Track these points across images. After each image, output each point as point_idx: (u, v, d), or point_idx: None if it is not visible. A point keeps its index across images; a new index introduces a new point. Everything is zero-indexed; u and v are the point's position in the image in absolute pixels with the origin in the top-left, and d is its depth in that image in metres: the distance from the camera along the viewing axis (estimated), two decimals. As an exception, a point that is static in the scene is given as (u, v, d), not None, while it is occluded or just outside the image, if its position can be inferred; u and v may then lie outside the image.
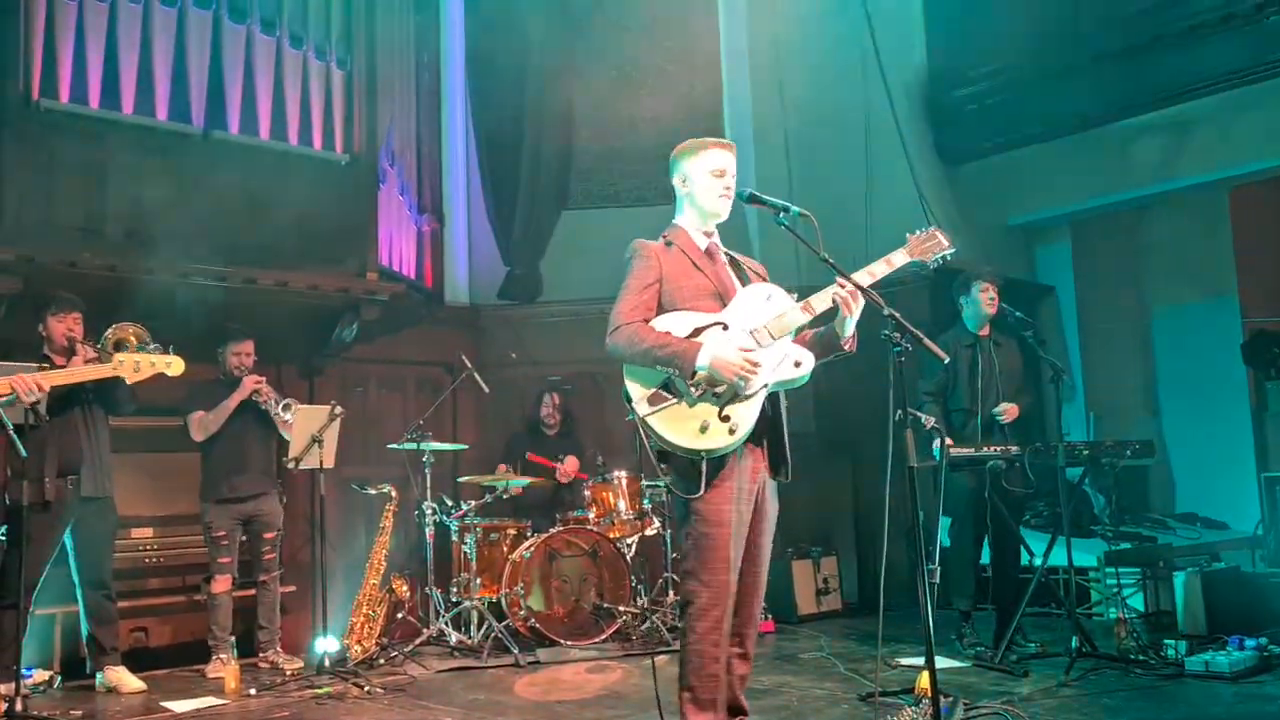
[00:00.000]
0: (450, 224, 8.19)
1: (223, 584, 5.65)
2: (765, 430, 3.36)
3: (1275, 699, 4.32)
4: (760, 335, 3.33)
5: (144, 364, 4.66)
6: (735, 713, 3.43)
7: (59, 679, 5.36)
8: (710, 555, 3.23)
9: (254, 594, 5.84)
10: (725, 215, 3.51)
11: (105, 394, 5.18)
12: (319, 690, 5.03)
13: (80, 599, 5.19)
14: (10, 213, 5.41)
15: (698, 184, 3.47)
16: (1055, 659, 5.08)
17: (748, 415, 3.26)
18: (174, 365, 4.79)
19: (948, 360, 3.40)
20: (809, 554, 7.13)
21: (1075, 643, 4.95)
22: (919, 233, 3.58)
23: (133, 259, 5.67)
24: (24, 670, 4.69)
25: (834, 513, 7.87)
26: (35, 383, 4.55)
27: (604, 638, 6.08)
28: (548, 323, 8.07)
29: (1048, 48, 7.36)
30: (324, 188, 6.47)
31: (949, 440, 5.12)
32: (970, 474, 5.35)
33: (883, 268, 3.45)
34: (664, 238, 3.49)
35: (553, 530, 6.31)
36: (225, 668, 5.24)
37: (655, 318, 3.35)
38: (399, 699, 4.92)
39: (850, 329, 3.36)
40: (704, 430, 3.21)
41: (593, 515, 6.49)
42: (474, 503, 6.40)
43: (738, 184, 3.50)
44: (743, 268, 3.57)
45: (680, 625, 3.32)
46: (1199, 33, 6.67)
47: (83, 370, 4.75)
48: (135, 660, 5.46)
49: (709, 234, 3.53)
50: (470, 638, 6.11)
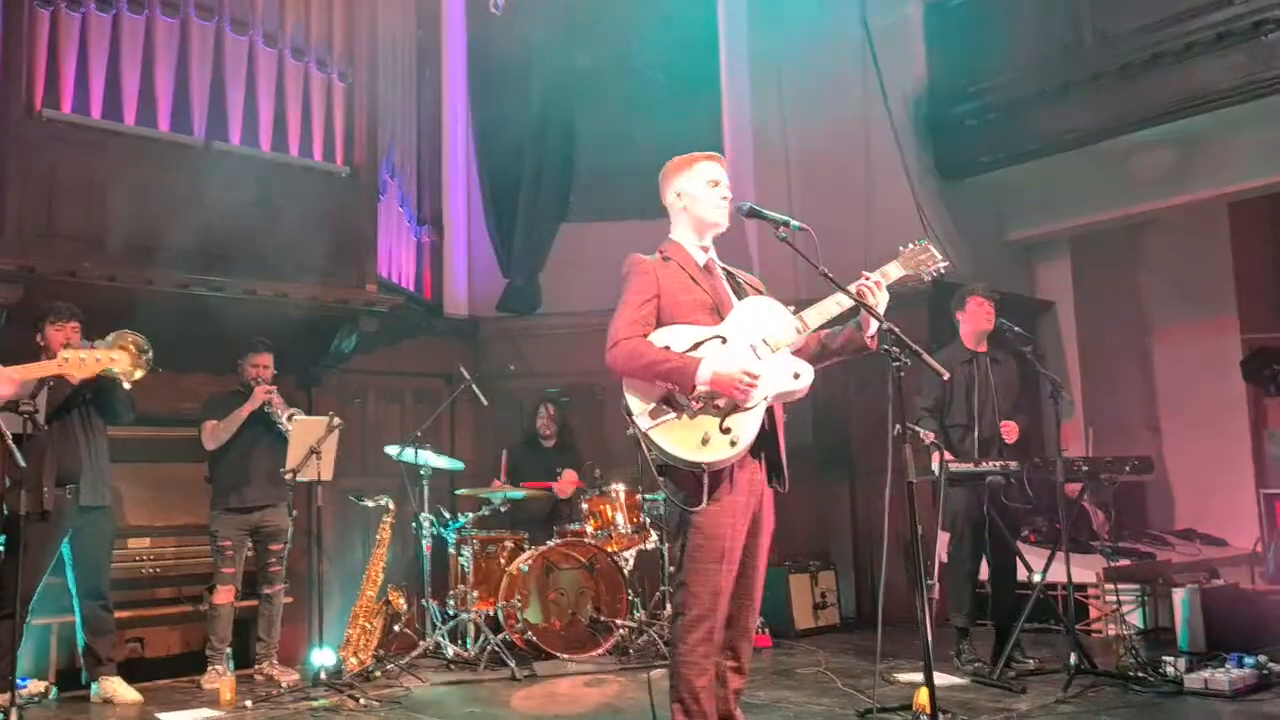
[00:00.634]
0: (450, 236, 8.20)
1: (225, 595, 5.64)
2: (763, 442, 3.36)
3: (1275, 717, 4.31)
4: (759, 348, 3.33)
5: (89, 360, 4.58)
6: (730, 726, 3.42)
7: (54, 689, 5.35)
8: (704, 567, 3.23)
9: (253, 605, 5.83)
10: (725, 224, 3.51)
11: (104, 402, 5.18)
12: (314, 703, 5.02)
13: (77, 609, 5.18)
14: (11, 222, 5.41)
15: (696, 197, 3.48)
16: (1053, 675, 5.07)
17: (748, 427, 3.26)
18: (120, 361, 4.70)
19: (948, 376, 3.40)
20: (807, 568, 7.12)
21: (1074, 659, 4.93)
22: (911, 246, 3.58)
23: (133, 269, 5.68)
24: (19, 680, 4.68)
25: (832, 527, 7.87)
26: (10, 378, 4.48)
27: (601, 651, 6.07)
28: (547, 335, 8.07)
29: (1047, 65, 7.38)
30: (324, 199, 6.48)
31: (948, 455, 5.12)
32: (968, 489, 5.34)
33: (878, 279, 3.46)
34: (660, 253, 3.49)
35: (550, 543, 6.30)
36: (221, 679, 5.22)
37: (653, 332, 3.35)
38: (395, 712, 4.90)
39: (874, 327, 3.35)
40: (705, 443, 3.21)
41: (590, 528, 6.48)
42: (471, 515, 6.39)
43: (736, 196, 3.51)
44: (740, 282, 3.57)
45: (671, 637, 3.32)
46: (1197, 50, 6.69)
47: (38, 366, 4.66)
48: (131, 671, 5.44)
49: (705, 249, 3.53)
50: (467, 650, 6.09)
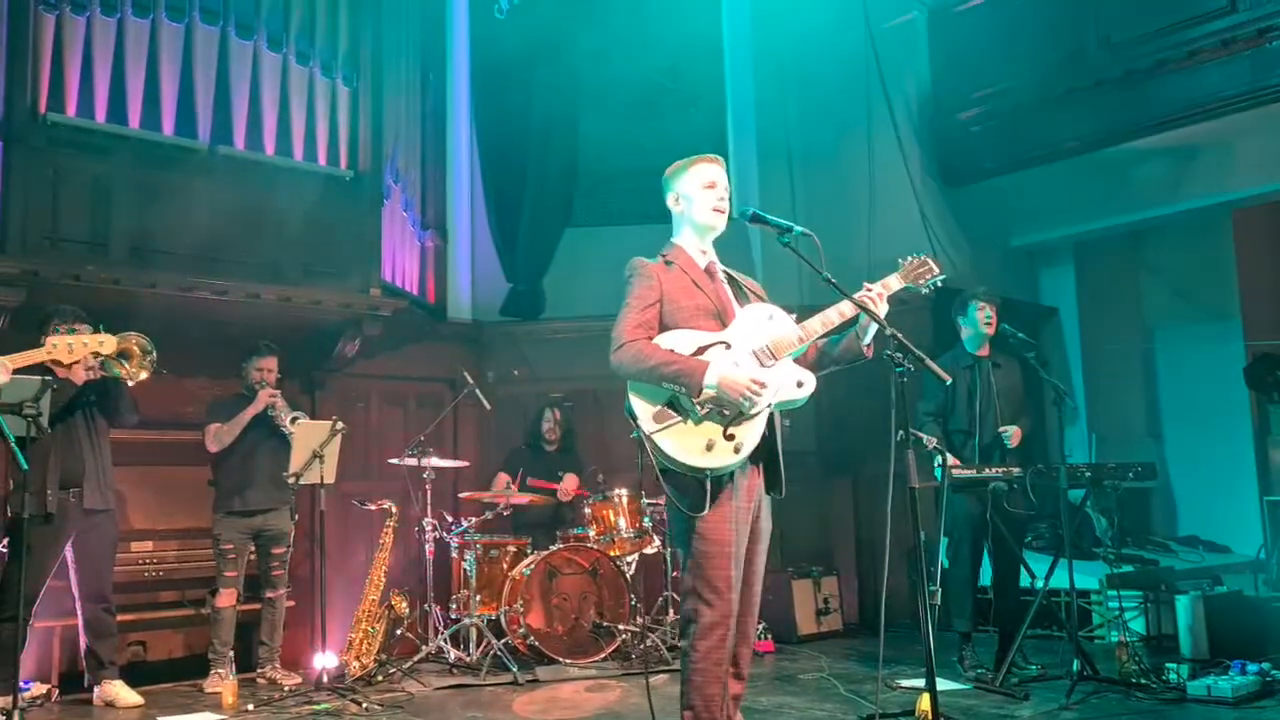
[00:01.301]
0: (453, 240, 8.21)
1: (227, 598, 5.65)
2: (762, 449, 3.36)
3: (1278, 725, 4.31)
4: (763, 355, 3.34)
5: (77, 345, 4.58)
6: (732, 732, 3.42)
7: (56, 692, 5.35)
8: (713, 574, 3.23)
9: (256, 609, 5.83)
10: (721, 227, 3.52)
11: (107, 405, 5.19)
12: (317, 706, 5.02)
13: (80, 612, 5.18)
14: (15, 225, 5.42)
15: (692, 200, 3.49)
16: (1056, 682, 5.06)
17: (752, 434, 3.27)
18: (106, 344, 4.68)
19: (950, 381, 3.40)
20: (809, 574, 7.10)
21: (1076, 666, 4.93)
22: (911, 259, 3.62)
23: (137, 273, 5.69)
24: (21, 684, 4.68)
25: (835, 533, 7.86)
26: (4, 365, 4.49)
27: (603, 656, 6.06)
28: (550, 339, 8.08)
29: (1051, 71, 7.39)
30: (328, 203, 6.49)
31: (951, 460, 5.12)
32: (968, 495, 5.34)
33: (880, 290, 3.49)
34: (663, 257, 3.50)
35: (553, 548, 6.30)
36: (223, 683, 5.22)
37: (657, 336, 3.35)
38: (397, 716, 4.90)
39: (870, 336, 3.39)
40: (709, 449, 3.22)
41: (593, 533, 6.48)
42: (474, 519, 6.38)
43: (741, 202, 3.52)
44: (741, 287, 3.58)
45: (682, 644, 3.31)
46: (1201, 57, 6.69)
47: (27, 355, 4.65)
48: (133, 674, 5.44)
49: (706, 252, 3.54)
50: (469, 655, 6.09)
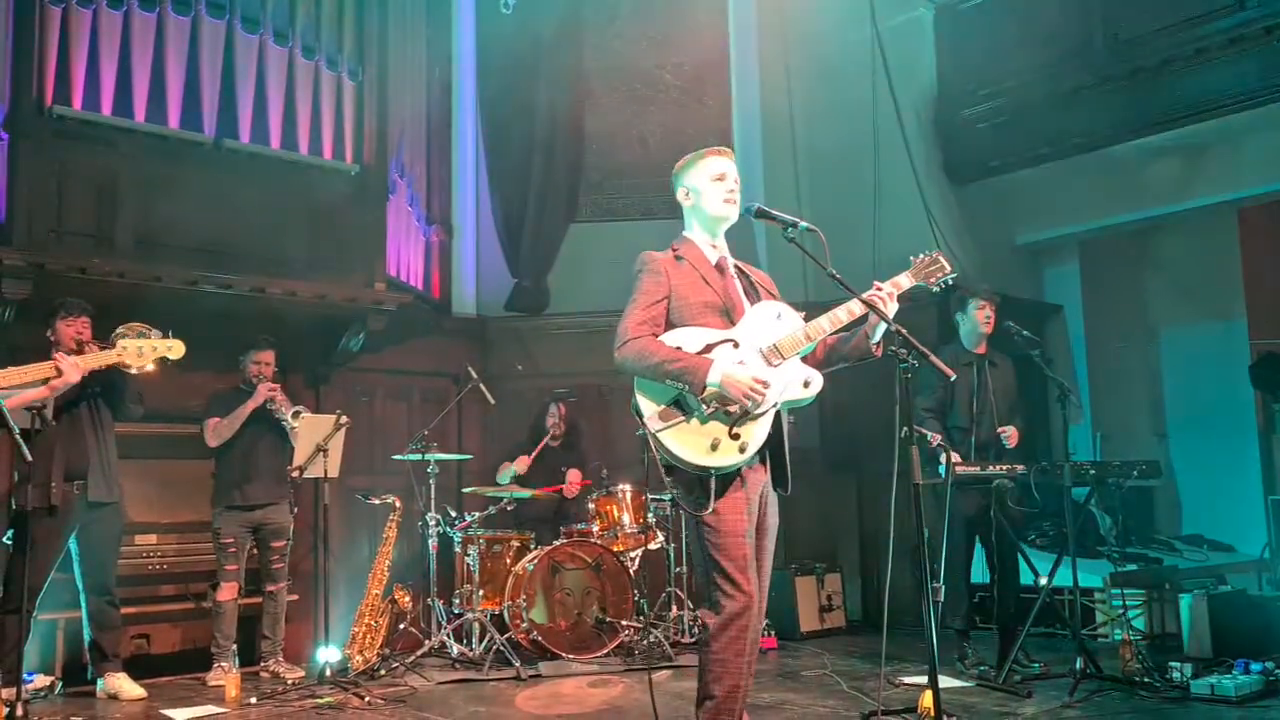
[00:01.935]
0: (458, 235, 8.21)
1: (229, 591, 5.66)
2: (768, 446, 3.35)
3: (1281, 724, 4.30)
4: (770, 354, 3.33)
5: (146, 349, 4.66)
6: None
7: (60, 684, 5.37)
8: (730, 565, 3.20)
9: (258, 602, 5.85)
10: (733, 218, 3.50)
11: (113, 398, 5.20)
12: (319, 700, 5.03)
13: (83, 605, 5.20)
14: (21, 218, 5.44)
15: (702, 192, 3.47)
16: (1059, 680, 5.05)
17: (758, 433, 3.26)
18: (175, 349, 4.76)
19: (955, 377, 3.40)
20: (813, 570, 7.10)
21: (1080, 664, 4.92)
22: (922, 256, 3.59)
23: (142, 266, 5.70)
24: (25, 675, 4.69)
25: (839, 530, 7.86)
26: (74, 363, 4.61)
27: (606, 651, 6.06)
28: (554, 335, 8.08)
29: (1057, 68, 7.36)
30: (333, 198, 6.51)
31: (955, 457, 5.11)
32: (962, 493, 5.33)
33: (890, 289, 3.48)
34: (673, 250, 3.49)
35: (556, 543, 6.30)
36: (226, 676, 5.22)
37: (664, 333, 3.35)
38: (399, 710, 4.91)
39: (879, 334, 3.38)
40: (715, 447, 3.21)
41: (596, 528, 6.48)
42: (477, 514, 6.39)
43: (747, 197, 3.50)
44: (752, 280, 3.57)
45: (702, 636, 3.28)
46: (1208, 55, 6.67)
47: (99, 355, 4.76)
48: (137, 667, 5.46)
49: (717, 246, 3.53)
50: (472, 650, 6.09)
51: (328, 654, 5.50)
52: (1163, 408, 8.77)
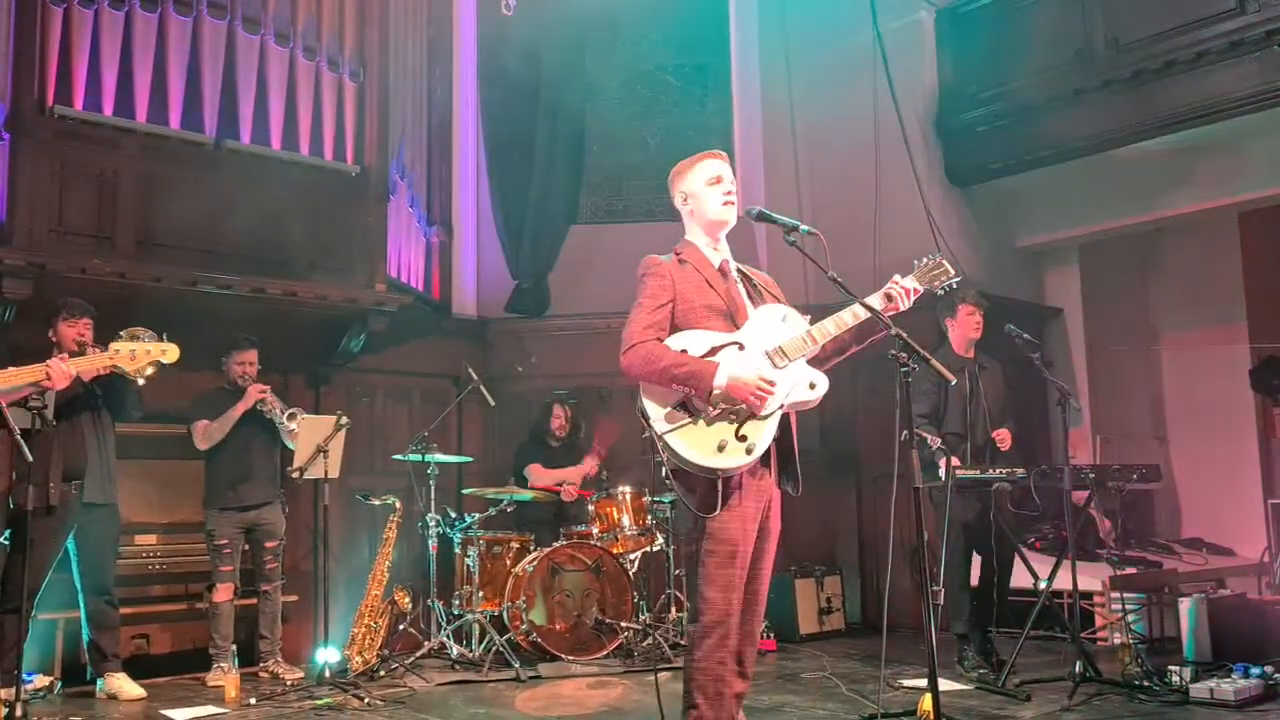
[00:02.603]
0: (459, 236, 8.21)
1: (225, 592, 5.65)
2: (775, 449, 3.35)
3: (1280, 728, 4.30)
4: (776, 356, 3.33)
5: (140, 352, 4.64)
6: (734, 731, 3.41)
7: (59, 685, 5.37)
8: (717, 573, 3.23)
9: (255, 603, 5.84)
10: (733, 221, 3.50)
11: (114, 399, 5.20)
12: (319, 701, 5.03)
13: (82, 605, 5.20)
14: (22, 218, 5.43)
15: (699, 197, 3.47)
16: (1058, 683, 5.04)
17: (764, 435, 3.26)
18: (169, 352, 4.74)
19: (954, 382, 3.40)
20: (812, 573, 7.11)
21: (1079, 667, 4.92)
22: (926, 260, 3.60)
23: (142, 267, 5.70)
24: (24, 675, 4.69)
25: (839, 532, 7.86)
26: (66, 369, 4.58)
27: (605, 653, 6.06)
28: (555, 336, 8.08)
29: (1058, 71, 7.37)
30: (334, 198, 6.50)
31: (955, 461, 5.11)
32: (961, 497, 5.32)
33: (913, 287, 3.50)
34: (676, 254, 3.49)
35: (556, 544, 6.30)
36: (226, 676, 5.22)
37: (670, 336, 3.35)
38: (399, 711, 4.90)
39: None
40: (721, 449, 3.21)
41: (596, 530, 6.48)
42: (477, 515, 6.39)
43: (748, 200, 3.50)
44: (756, 284, 3.57)
45: (685, 643, 3.31)
46: (1209, 58, 6.67)
47: (91, 359, 4.75)
48: (136, 667, 5.46)
49: (719, 249, 3.52)
50: (471, 651, 6.09)
51: (327, 655, 5.49)
52: (1163, 411, 8.78)
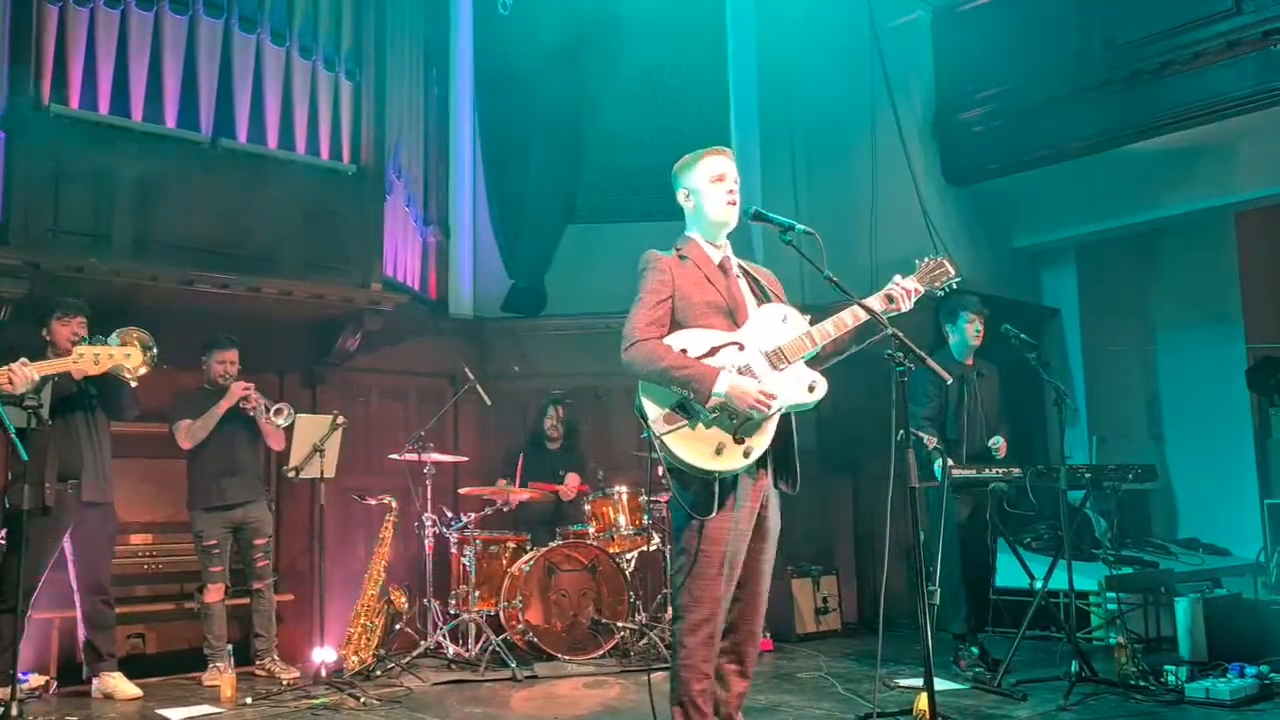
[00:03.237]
0: (455, 236, 8.20)
1: (216, 593, 5.64)
2: (773, 444, 3.35)
3: (1276, 728, 4.30)
4: (775, 358, 3.32)
5: (103, 356, 4.60)
6: (732, 730, 3.42)
7: (55, 684, 5.36)
8: (706, 571, 3.23)
9: (248, 603, 5.82)
10: (734, 222, 3.49)
11: (110, 399, 5.19)
12: (315, 700, 5.02)
13: (78, 604, 5.18)
14: (18, 217, 5.42)
15: (701, 194, 3.47)
16: (1054, 683, 5.04)
17: (763, 438, 3.26)
18: (131, 357, 4.72)
19: (951, 381, 3.40)
20: (809, 573, 7.11)
21: (1075, 667, 4.92)
22: (927, 260, 3.60)
23: (138, 265, 5.69)
24: (20, 675, 4.68)
25: (835, 532, 7.86)
26: (27, 373, 4.52)
27: (602, 653, 6.06)
28: (551, 336, 8.07)
29: (1055, 71, 7.37)
30: (330, 197, 6.50)
31: (950, 461, 5.11)
32: (956, 497, 5.32)
33: (914, 287, 3.51)
34: (676, 250, 3.48)
35: (552, 544, 6.30)
36: (222, 676, 5.21)
37: (670, 333, 3.34)
38: (395, 711, 4.90)
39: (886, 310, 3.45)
40: (719, 452, 3.21)
41: (593, 530, 6.48)
42: (474, 515, 6.38)
43: (744, 199, 3.50)
44: (760, 283, 3.56)
45: (672, 641, 3.32)
46: (1206, 59, 6.67)
47: (54, 363, 4.70)
48: (132, 667, 5.44)
49: (720, 246, 3.52)
50: (467, 651, 6.09)
51: (323, 654, 5.49)
52: (1159, 411, 8.78)
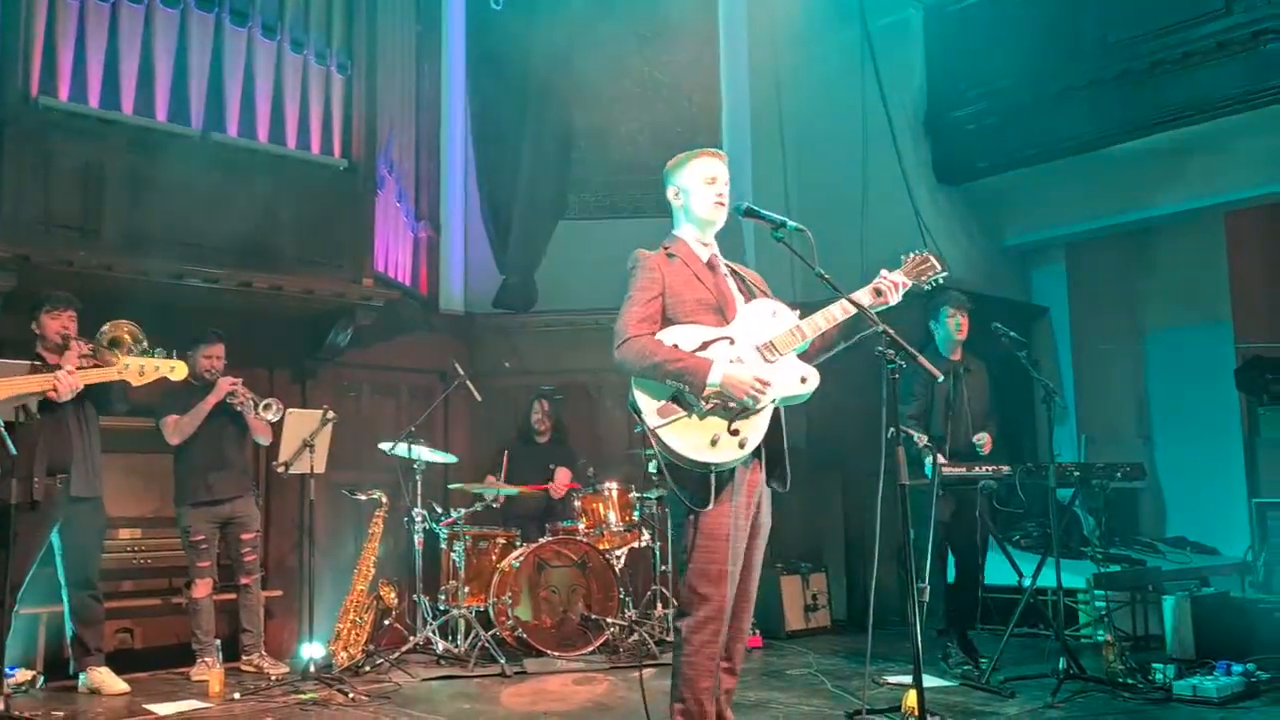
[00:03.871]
0: (446, 232, 8.18)
1: (204, 588, 5.63)
2: (765, 441, 3.36)
3: (1261, 725, 4.33)
4: (766, 351, 3.33)
5: (149, 368, 4.64)
6: (721, 727, 3.42)
7: (42, 679, 5.33)
8: (709, 569, 3.23)
9: (236, 598, 5.81)
10: (721, 223, 3.51)
11: (99, 392, 5.16)
12: (303, 696, 5.01)
13: (66, 599, 5.17)
14: (7, 209, 5.38)
15: (691, 194, 3.48)
16: (1042, 680, 5.07)
17: (756, 429, 3.27)
18: (178, 369, 4.78)
19: (941, 379, 3.41)
20: (798, 570, 7.13)
21: (1063, 664, 4.94)
22: (913, 255, 3.61)
23: (128, 259, 5.66)
24: (7, 670, 4.67)
25: (825, 529, 7.87)
26: (73, 382, 4.58)
27: (591, 649, 6.06)
28: (542, 332, 8.07)
29: (1046, 71, 7.39)
30: (321, 192, 6.47)
31: (940, 459, 5.12)
32: (940, 495, 5.32)
33: (902, 281, 3.52)
34: (665, 249, 3.49)
35: (542, 540, 6.30)
36: (210, 671, 5.21)
37: (661, 330, 3.35)
38: (384, 707, 4.90)
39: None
40: (714, 444, 3.21)
41: (582, 526, 6.48)
42: (464, 511, 6.38)
43: (735, 197, 3.51)
44: (745, 280, 3.57)
45: (675, 639, 3.31)
46: (1196, 58, 6.70)
47: (102, 372, 4.73)
48: (119, 662, 5.43)
49: (708, 245, 3.53)
50: (457, 646, 6.08)
51: (312, 650, 5.48)
52: (1148, 410, 8.80)
